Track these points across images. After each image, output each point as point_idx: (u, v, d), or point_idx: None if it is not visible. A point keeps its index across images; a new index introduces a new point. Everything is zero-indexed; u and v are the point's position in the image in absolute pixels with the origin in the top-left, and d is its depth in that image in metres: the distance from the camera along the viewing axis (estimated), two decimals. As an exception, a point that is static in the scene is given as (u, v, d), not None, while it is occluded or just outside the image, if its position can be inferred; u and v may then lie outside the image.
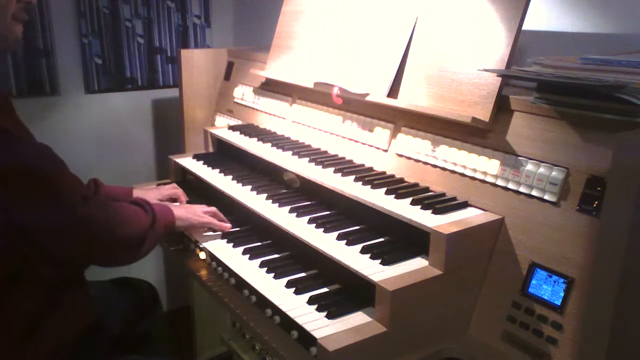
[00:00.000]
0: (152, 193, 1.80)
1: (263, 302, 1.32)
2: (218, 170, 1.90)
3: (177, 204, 1.80)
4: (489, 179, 1.35)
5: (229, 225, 1.66)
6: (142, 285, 1.85)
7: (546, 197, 1.23)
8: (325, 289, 1.36)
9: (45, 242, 1.23)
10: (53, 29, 2.42)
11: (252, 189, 1.71)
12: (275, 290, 1.35)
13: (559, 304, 1.17)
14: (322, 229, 1.43)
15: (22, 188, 1.17)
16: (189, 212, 1.61)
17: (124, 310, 1.69)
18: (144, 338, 1.76)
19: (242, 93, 2.29)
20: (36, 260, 1.25)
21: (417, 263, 1.28)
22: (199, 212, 1.63)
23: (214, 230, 1.66)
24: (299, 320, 1.21)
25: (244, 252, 1.53)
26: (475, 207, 1.36)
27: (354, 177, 1.53)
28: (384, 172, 1.59)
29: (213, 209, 1.68)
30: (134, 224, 1.38)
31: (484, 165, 1.35)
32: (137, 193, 1.78)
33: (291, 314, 1.24)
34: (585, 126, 1.19)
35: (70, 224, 1.23)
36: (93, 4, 2.49)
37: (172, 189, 1.86)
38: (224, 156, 2.08)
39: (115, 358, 1.49)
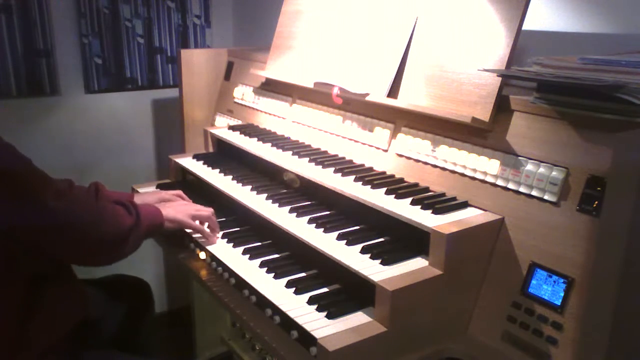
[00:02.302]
0: (150, 197, 1.75)
1: (263, 302, 1.32)
2: (218, 170, 1.90)
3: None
4: (489, 179, 1.35)
5: (216, 238, 1.60)
6: (136, 283, 1.84)
7: (546, 197, 1.23)
8: (325, 289, 1.36)
9: (19, 236, 1.21)
10: (53, 29, 2.42)
11: (252, 189, 1.71)
12: (275, 290, 1.35)
13: (559, 304, 1.17)
14: (322, 229, 1.43)
15: None
16: (178, 212, 1.56)
17: (118, 308, 1.68)
18: (139, 337, 1.76)
19: (242, 93, 2.29)
20: (17, 254, 1.24)
21: (417, 263, 1.28)
22: (192, 212, 1.58)
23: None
24: (299, 320, 1.21)
25: (244, 252, 1.53)
26: (475, 207, 1.36)
27: (354, 177, 1.53)
28: (384, 172, 1.59)
29: (209, 211, 1.63)
30: (114, 223, 1.36)
31: (484, 165, 1.35)
32: (137, 199, 1.72)
33: (291, 314, 1.24)
34: (585, 126, 1.19)
35: (40, 219, 1.21)
36: (93, 4, 2.49)
37: (170, 195, 1.79)
38: (224, 156, 2.08)
39: (110, 357, 1.49)
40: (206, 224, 1.62)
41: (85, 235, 1.30)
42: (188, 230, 1.64)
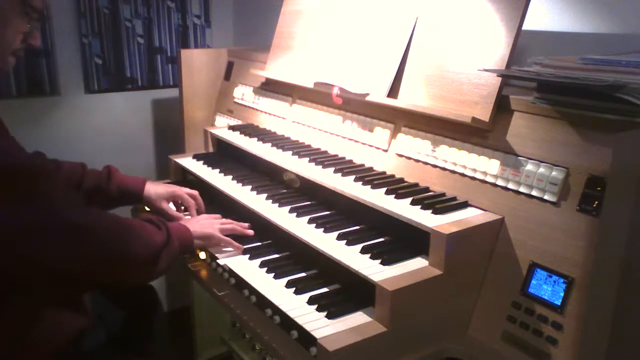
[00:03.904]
0: (161, 188, 1.72)
1: (263, 302, 1.32)
2: (218, 170, 1.90)
3: (188, 216, 1.73)
4: (489, 179, 1.35)
5: (241, 247, 1.54)
6: (142, 287, 1.83)
7: (546, 197, 1.23)
8: (325, 289, 1.36)
9: (38, 252, 1.14)
10: (53, 29, 2.42)
11: (252, 189, 1.71)
12: (275, 290, 1.35)
13: (559, 304, 1.17)
14: (322, 229, 1.43)
15: (4, 190, 1.09)
16: (205, 227, 1.51)
17: (123, 311, 1.68)
18: (144, 339, 1.75)
19: (242, 93, 2.29)
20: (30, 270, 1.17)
21: (417, 263, 1.28)
22: (219, 226, 1.54)
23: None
24: (299, 320, 1.21)
25: (244, 252, 1.53)
26: (475, 207, 1.36)
27: (354, 177, 1.53)
28: (384, 172, 1.59)
29: (231, 222, 1.59)
30: (144, 241, 1.28)
31: (484, 165, 1.35)
32: (149, 186, 1.71)
33: (291, 314, 1.24)
34: (585, 126, 1.19)
35: (62, 232, 1.15)
36: (93, 4, 2.49)
37: (184, 192, 1.75)
38: (224, 156, 2.08)
39: (115, 359, 1.49)
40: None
41: (112, 252, 1.22)
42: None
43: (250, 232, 1.61)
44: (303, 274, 1.43)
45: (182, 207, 1.80)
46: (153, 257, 1.29)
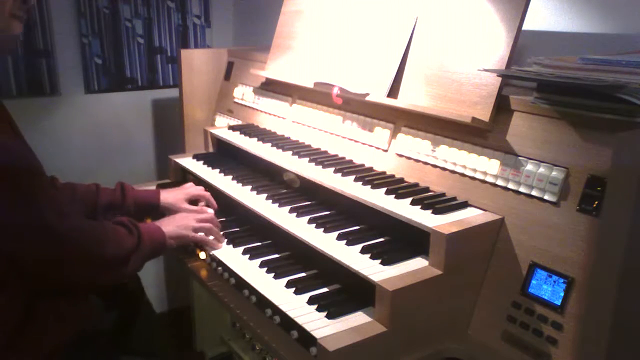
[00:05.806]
0: (178, 193, 1.76)
1: (263, 302, 1.32)
2: (218, 170, 1.90)
3: (192, 206, 1.75)
4: (489, 179, 1.35)
5: (221, 245, 1.59)
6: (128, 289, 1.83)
7: (546, 197, 1.23)
8: (325, 289, 1.36)
9: (16, 252, 1.18)
10: (53, 29, 2.42)
11: (252, 189, 1.71)
12: (275, 290, 1.35)
13: (559, 304, 1.17)
14: (322, 229, 1.43)
15: None
16: (180, 228, 1.54)
17: (112, 308, 1.67)
18: (137, 335, 1.75)
19: (242, 93, 2.29)
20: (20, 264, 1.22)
21: (417, 263, 1.28)
22: (193, 224, 1.56)
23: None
24: (299, 320, 1.21)
25: (244, 252, 1.53)
26: (475, 207, 1.36)
27: (354, 177, 1.53)
28: (384, 172, 1.59)
29: (210, 216, 1.62)
30: (114, 244, 1.33)
31: (484, 165, 1.35)
32: (164, 194, 1.74)
33: (291, 314, 1.24)
34: (585, 126, 1.19)
35: (43, 237, 1.19)
36: (93, 4, 2.49)
37: (199, 190, 1.79)
38: (224, 156, 2.08)
39: (110, 358, 1.49)
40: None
41: (85, 256, 1.27)
42: None
43: (221, 244, 1.60)
44: (303, 274, 1.43)
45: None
46: (124, 259, 1.35)
